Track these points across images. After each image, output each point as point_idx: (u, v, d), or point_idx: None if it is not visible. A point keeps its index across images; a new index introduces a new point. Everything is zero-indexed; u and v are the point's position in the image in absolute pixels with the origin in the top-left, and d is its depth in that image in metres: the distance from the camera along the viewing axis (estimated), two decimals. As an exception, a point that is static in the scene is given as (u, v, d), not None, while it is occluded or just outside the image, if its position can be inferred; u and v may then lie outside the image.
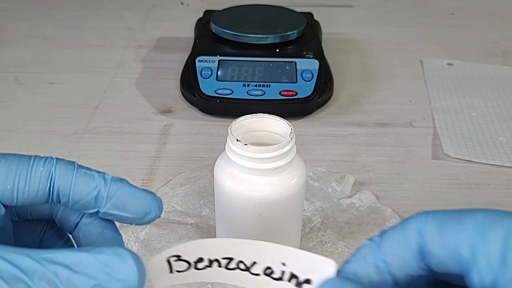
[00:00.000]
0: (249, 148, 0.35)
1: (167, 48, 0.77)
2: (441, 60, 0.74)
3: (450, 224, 0.23)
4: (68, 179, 0.27)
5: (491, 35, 0.82)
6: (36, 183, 0.26)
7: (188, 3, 0.93)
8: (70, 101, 0.65)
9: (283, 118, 0.38)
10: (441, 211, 0.24)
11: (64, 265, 0.23)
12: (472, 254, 0.23)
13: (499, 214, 0.23)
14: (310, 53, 0.65)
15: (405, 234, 0.24)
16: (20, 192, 0.26)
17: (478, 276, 0.22)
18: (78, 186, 0.27)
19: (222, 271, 0.28)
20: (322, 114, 0.63)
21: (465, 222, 0.23)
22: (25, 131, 0.59)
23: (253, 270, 0.28)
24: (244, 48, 0.65)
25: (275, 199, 0.36)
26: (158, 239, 0.44)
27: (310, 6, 0.85)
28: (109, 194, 0.27)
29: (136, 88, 0.68)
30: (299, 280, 0.27)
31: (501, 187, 0.52)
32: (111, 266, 0.23)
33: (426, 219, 0.24)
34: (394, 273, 0.24)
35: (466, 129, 0.59)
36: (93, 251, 0.24)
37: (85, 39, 0.80)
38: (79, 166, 0.27)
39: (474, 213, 0.23)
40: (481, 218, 0.23)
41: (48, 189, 0.27)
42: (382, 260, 0.24)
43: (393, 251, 0.24)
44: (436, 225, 0.24)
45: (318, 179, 0.51)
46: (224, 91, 0.60)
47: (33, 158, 0.27)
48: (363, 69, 0.73)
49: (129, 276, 0.23)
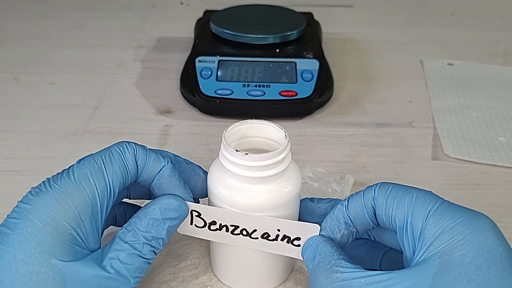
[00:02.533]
0: (249, 157, 0.34)
1: (167, 48, 0.77)
2: (441, 60, 0.74)
3: (393, 199, 0.32)
4: (143, 161, 0.36)
5: (491, 35, 0.82)
6: (133, 170, 0.35)
7: (188, 3, 0.93)
8: (70, 101, 0.65)
9: (276, 124, 0.37)
10: (392, 185, 0.33)
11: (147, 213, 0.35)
12: (402, 225, 0.32)
13: (427, 197, 0.32)
14: (310, 53, 0.65)
15: (364, 200, 0.34)
16: (126, 180, 0.35)
17: (405, 240, 0.32)
18: (149, 168, 0.36)
19: (228, 235, 0.36)
20: (322, 114, 0.63)
21: (403, 201, 0.32)
22: (25, 131, 0.59)
23: (253, 235, 0.36)
24: (244, 48, 0.65)
25: (270, 207, 0.35)
26: (158, 239, 0.44)
27: (310, 6, 0.85)
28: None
29: (136, 88, 0.68)
30: (290, 239, 0.36)
31: (501, 187, 0.52)
32: (167, 214, 0.35)
33: (379, 190, 0.33)
34: (357, 226, 0.34)
35: (466, 130, 0.59)
36: (150, 211, 0.35)
37: (85, 39, 0.80)
38: (150, 150, 0.37)
39: (411, 194, 0.32)
40: (413, 199, 0.32)
41: (136, 170, 0.36)
42: (349, 218, 0.34)
43: (356, 212, 0.34)
44: (383, 197, 0.33)
45: (318, 179, 0.51)
46: (224, 92, 0.60)
47: (121, 148, 0.35)
48: (363, 69, 0.73)
49: (180, 213, 0.35)
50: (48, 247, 0.31)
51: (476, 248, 0.29)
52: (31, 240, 0.31)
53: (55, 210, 0.32)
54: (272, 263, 0.39)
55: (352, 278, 0.31)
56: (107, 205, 0.34)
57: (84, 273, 0.31)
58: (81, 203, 0.33)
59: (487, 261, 0.29)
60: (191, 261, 0.42)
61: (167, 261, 0.42)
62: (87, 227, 0.33)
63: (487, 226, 0.30)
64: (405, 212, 0.32)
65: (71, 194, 0.32)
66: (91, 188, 0.33)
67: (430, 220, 0.31)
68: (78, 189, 0.33)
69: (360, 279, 0.30)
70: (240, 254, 0.38)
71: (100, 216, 0.34)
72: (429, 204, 0.31)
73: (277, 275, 0.40)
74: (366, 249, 0.38)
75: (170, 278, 0.41)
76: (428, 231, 0.30)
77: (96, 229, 0.33)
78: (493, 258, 0.29)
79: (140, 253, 0.33)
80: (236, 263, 0.39)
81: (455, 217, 0.30)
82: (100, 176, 0.34)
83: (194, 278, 0.41)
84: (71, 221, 0.32)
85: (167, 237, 0.35)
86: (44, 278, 0.30)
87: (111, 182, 0.34)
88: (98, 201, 0.33)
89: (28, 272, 0.30)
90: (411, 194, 0.32)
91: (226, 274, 0.40)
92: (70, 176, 0.33)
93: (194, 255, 0.42)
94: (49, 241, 0.31)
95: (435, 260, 0.29)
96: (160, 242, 0.34)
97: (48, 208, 0.32)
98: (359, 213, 0.34)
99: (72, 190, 0.33)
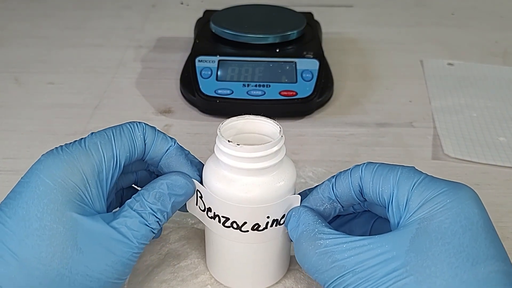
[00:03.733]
0: (241, 148, 0.34)
1: (167, 48, 0.77)
2: (441, 60, 0.74)
3: (379, 176, 0.34)
4: (152, 139, 0.38)
5: (491, 35, 0.82)
6: (140, 146, 0.37)
7: (188, 3, 0.93)
8: (70, 101, 0.65)
9: (271, 119, 0.38)
10: (379, 164, 0.35)
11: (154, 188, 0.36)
12: (389, 199, 0.34)
13: (411, 173, 0.34)
14: (310, 53, 0.65)
15: (351, 178, 0.36)
16: (133, 155, 0.37)
17: (391, 214, 0.34)
18: (156, 147, 0.38)
19: (220, 226, 0.37)
20: (322, 114, 0.63)
21: (388, 177, 0.34)
22: (25, 131, 0.59)
23: (244, 228, 0.36)
24: (244, 48, 0.65)
25: (262, 200, 0.35)
26: (157, 239, 0.44)
27: (310, 6, 0.85)
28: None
29: (136, 88, 0.68)
30: (278, 221, 0.37)
31: (501, 187, 0.52)
32: (174, 189, 0.36)
33: (366, 169, 0.35)
34: (342, 203, 0.36)
35: (466, 129, 0.59)
36: (158, 185, 0.36)
37: (85, 39, 0.80)
38: (159, 131, 0.38)
39: (396, 171, 0.34)
40: (399, 175, 0.34)
41: (143, 148, 0.38)
42: (334, 195, 0.36)
43: (342, 189, 0.36)
44: (370, 175, 0.35)
45: (318, 179, 0.51)
46: (224, 91, 0.60)
47: (132, 127, 0.37)
48: (363, 69, 0.73)
49: (186, 190, 0.37)
50: (59, 205, 0.33)
51: (454, 215, 0.31)
52: (43, 198, 0.33)
53: (64, 171, 0.34)
54: (264, 260, 0.39)
55: (334, 244, 0.32)
56: (113, 174, 0.36)
57: (93, 228, 0.33)
58: (88, 168, 0.35)
59: (463, 227, 0.30)
60: (191, 260, 0.42)
61: (167, 260, 0.42)
62: (93, 191, 0.35)
63: (468, 196, 0.32)
64: (391, 187, 0.34)
65: (80, 159, 0.35)
66: (99, 156, 0.35)
67: (414, 192, 0.32)
68: (87, 155, 0.35)
69: (342, 245, 0.32)
70: (232, 250, 0.38)
71: (106, 184, 0.35)
72: (414, 178, 0.33)
73: (271, 273, 0.40)
74: (355, 223, 0.40)
75: (170, 277, 0.41)
76: (412, 202, 0.32)
77: (102, 195, 0.35)
78: (469, 225, 0.31)
79: (146, 222, 0.35)
80: (228, 260, 0.39)
81: (437, 188, 0.32)
82: (108, 147, 0.36)
83: (194, 278, 0.41)
84: (79, 183, 0.34)
85: (172, 211, 0.37)
86: (56, 233, 0.32)
87: (118, 154, 0.36)
88: (104, 169, 0.35)
89: (41, 226, 0.32)
90: (396, 171, 0.34)
91: (220, 273, 0.40)
92: (81, 144, 0.36)
93: (194, 255, 0.42)
94: (60, 199, 0.33)
95: (414, 225, 0.31)
96: (165, 215, 0.36)
97: (58, 169, 0.34)
98: (345, 190, 0.36)
99: (81, 155, 0.35)
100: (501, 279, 0.29)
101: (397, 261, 0.30)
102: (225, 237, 0.37)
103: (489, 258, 0.30)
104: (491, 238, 0.31)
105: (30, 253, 0.32)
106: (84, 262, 0.33)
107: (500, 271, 0.30)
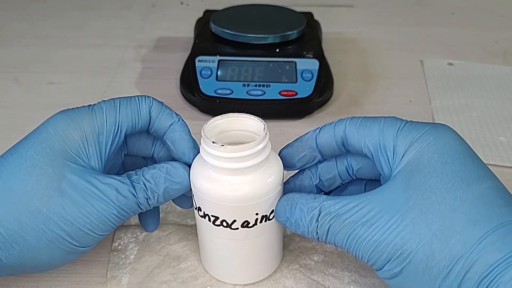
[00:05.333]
0: (226, 148, 0.34)
1: (167, 48, 0.77)
2: (441, 60, 0.74)
3: (363, 128, 0.37)
4: (157, 113, 0.39)
5: (491, 35, 0.82)
6: (144, 118, 0.39)
7: (188, 3, 0.93)
8: (70, 101, 0.64)
9: (254, 115, 0.38)
10: (362, 117, 0.37)
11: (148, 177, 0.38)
12: (376, 148, 0.36)
13: (393, 120, 0.36)
14: (310, 53, 0.65)
15: (335, 130, 0.38)
16: (136, 125, 0.39)
17: (382, 161, 0.36)
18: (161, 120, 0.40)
19: (210, 225, 0.37)
20: (322, 114, 0.63)
21: (373, 127, 0.36)
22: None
23: (233, 226, 0.37)
24: (244, 48, 0.65)
25: (251, 198, 0.36)
26: (157, 240, 0.44)
27: (310, 6, 0.85)
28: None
29: (136, 88, 0.68)
30: (267, 217, 0.37)
31: (501, 188, 0.52)
32: (171, 175, 0.38)
33: (350, 122, 0.37)
34: (323, 152, 0.39)
35: (466, 129, 0.59)
36: (159, 166, 0.38)
37: (85, 39, 0.80)
38: (165, 106, 0.40)
39: (379, 121, 0.36)
40: (382, 124, 0.36)
41: (149, 119, 0.39)
42: (316, 145, 0.39)
43: (325, 139, 0.38)
44: (355, 127, 0.37)
45: (318, 179, 0.51)
46: (224, 91, 0.60)
47: (140, 99, 0.39)
48: (363, 69, 0.73)
49: (183, 179, 0.38)
50: (54, 151, 0.36)
51: (440, 149, 0.34)
52: (42, 143, 0.36)
53: (66, 125, 0.37)
54: (257, 254, 0.39)
55: (341, 206, 0.34)
56: (113, 140, 0.38)
57: (80, 177, 0.36)
58: (89, 128, 0.37)
59: (451, 157, 0.33)
60: (191, 262, 0.42)
61: (166, 261, 0.42)
62: (91, 149, 0.37)
63: (448, 132, 0.35)
64: (377, 137, 0.36)
65: (84, 118, 0.38)
66: (101, 119, 0.38)
67: (399, 136, 0.35)
68: (91, 117, 0.38)
69: (348, 204, 0.34)
70: (223, 247, 0.39)
71: (105, 147, 0.38)
72: (396, 124, 0.36)
73: (264, 267, 0.40)
74: (346, 194, 0.42)
75: (170, 279, 0.41)
76: (399, 146, 0.35)
77: (99, 156, 0.38)
78: (456, 154, 0.34)
79: (135, 193, 0.37)
80: (220, 256, 0.39)
81: (420, 129, 0.35)
82: (112, 113, 0.38)
83: (194, 279, 0.41)
84: (78, 138, 0.37)
85: (164, 197, 0.38)
86: (44, 172, 0.35)
87: (120, 121, 0.38)
88: (105, 132, 0.38)
89: (33, 165, 0.36)
90: (379, 121, 0.36)
91: (213, 268, 0.41)
92: (89, 107, 0.39)
93: (194, 256, 0.42)
94: (57, 146, 0.36)
95: (406, 167, 0.34)
96: (155, 196, 0.38)
97: (62, 121, 0.37)
98: (328, 140, 0.38)
99: (86, 116, 0.38)
100: (497, 193, 0.32)
101: (399, 202, 0.33)
102: (216, 234, 0.38)
103: (481, 178, 0.33)
104: (478, 162, 0.34)
105: (18, 185, 0.35)
106: (63, 204, 0.35)
107: (494, 187, 0.33)
